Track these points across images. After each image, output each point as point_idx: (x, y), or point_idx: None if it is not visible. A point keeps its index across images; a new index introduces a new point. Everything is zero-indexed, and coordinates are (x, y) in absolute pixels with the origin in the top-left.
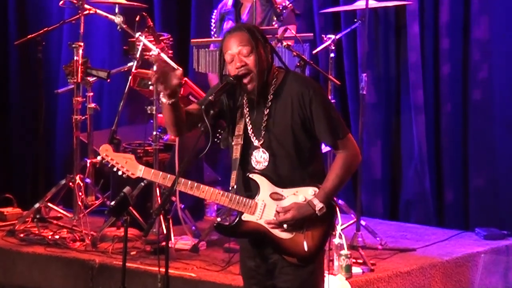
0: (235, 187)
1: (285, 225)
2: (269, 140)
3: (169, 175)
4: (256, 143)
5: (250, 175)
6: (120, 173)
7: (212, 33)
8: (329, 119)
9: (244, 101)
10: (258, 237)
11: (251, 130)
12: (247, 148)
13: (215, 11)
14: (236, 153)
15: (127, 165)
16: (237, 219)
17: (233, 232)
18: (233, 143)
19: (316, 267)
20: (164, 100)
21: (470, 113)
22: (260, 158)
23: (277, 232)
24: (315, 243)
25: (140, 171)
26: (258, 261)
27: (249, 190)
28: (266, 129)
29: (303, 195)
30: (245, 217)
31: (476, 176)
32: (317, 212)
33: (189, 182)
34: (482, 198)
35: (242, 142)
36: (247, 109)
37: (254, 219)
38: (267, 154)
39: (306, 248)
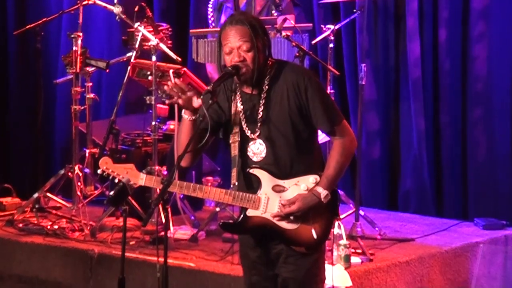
0: (236, 184)
1: (291, 217)
2: (267, 130)
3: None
4: (252, 135)
5: (250, 171)
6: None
7: (210, 22)
8: (325, 106)
9: (237, 96)
10: (264, 231)
11: (245, 124)
12: (244, 143)
13: (212, 0)
14: (234, 150)
15: (128, 175)
16: (242, 215)
17: (240, 229)
18: (230, 141)
19: (319, 255)
20: (185, 116)
21: (470, 102)
22: (257, 150)
23: (283, 224)
24: (322, 229)
25: (141, 179)
26: (260, 252)
27: (251, 185)
28: (263, 120)
29: (304, 184)
30: (250, 212)
31: (475, 166)
32: (322, 200)
33: (192, 184)
34: (481, 188)
35: (239, 139)
36: (241, 103)
37: (259, 214)
38: (264, 145)
39: (315, 236)
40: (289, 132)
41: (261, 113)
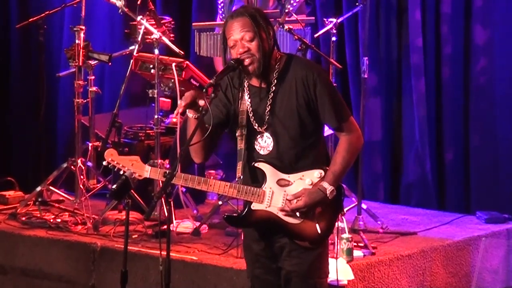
0: (241, 177)
1: (297, 213)
2: (275, 124)
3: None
4: (259, 129)
5: (256, 164)
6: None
7: (220, 12)
8: (334, 102)
9: (245, 88)
10: (269, 225)
11: (253, 117)
12: (251, 136)
13: None
14: (241, 143)
15: (133, 167)
16: (246, 209)
17: (244, 222)
18: (237, 134)
19: (323, 250)
20: (190, 115)
21: (472, 95)
22: (264, 143)
23: (288, 218)
24: (326, 224)
25: (146, 171)
26: (264, 245)
27: (256, 178)
28: (271, 114)
29: (309, 178)
30: (254, 206)
31: (477, 159)
32: (328, 195)
33: (196, 177)
34: (483, 182)
35: (245, 133)
36: (249, 96)
37: (263, 207)
38: (271, 138)
39: (319, 231)
40: (296, 126)
41: (269, 106)
